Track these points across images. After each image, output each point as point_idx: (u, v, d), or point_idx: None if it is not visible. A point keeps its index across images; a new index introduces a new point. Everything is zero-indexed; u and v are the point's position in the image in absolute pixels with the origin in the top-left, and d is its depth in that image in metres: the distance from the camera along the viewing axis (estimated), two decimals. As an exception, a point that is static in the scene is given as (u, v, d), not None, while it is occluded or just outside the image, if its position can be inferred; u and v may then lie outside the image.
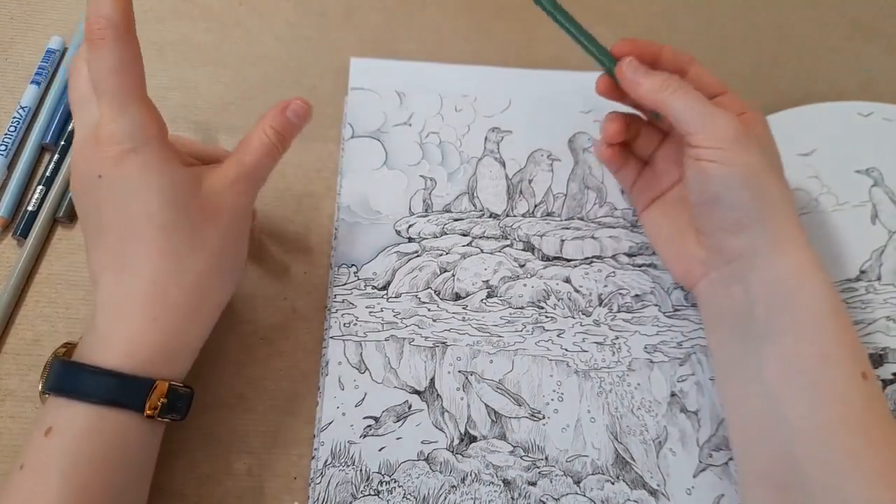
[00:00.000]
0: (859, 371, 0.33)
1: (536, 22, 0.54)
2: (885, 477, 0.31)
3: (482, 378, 0.40)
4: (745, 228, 0.35)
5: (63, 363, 0.31)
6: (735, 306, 0.36)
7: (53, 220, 0.43)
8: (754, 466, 0.35)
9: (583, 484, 0.38)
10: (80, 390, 0.30)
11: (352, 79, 0.48)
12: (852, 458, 0.32)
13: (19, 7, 0.50)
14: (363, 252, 0.43)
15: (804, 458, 0.32)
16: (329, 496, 0.37)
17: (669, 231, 0.41)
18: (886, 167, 0.47)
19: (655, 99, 0.37)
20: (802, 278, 0.35)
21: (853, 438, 0.32)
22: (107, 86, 0.32)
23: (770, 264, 0.35)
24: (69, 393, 0.30)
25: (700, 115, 0.36)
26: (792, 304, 0.34)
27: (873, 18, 0.57)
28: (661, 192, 0.43)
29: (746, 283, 0.36)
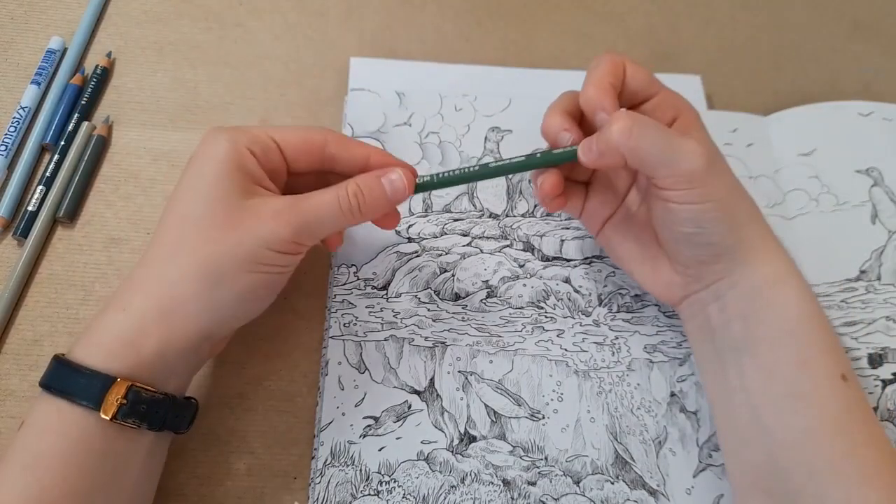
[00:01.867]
0: (839, 374, 0.33)
1: (536, 22, 0.54)
2: (870, 479, 0.31)
3: (482, 378, 0.40)
4: (722, 256, 0.35)
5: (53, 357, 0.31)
6: (713, 324, 0.36)
7: (53, 220, 0.43)
8: (745, 475, 0.35)
9: (582, 484, 0.38)
10: (44, 381, 0.30)
11: (352, 79, 0.48)
12: (835, 462, 0.32)
13: (19, 7, 0.50)
14: (363, 252, 0.43)
15: (789, 466, 0.32)
16: (329, 496, 0.37)
17: (635, 253, 0.40)
18: (886, 167, 0.47)
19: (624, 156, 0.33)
20: (776, 287, 0.34)
21: (835, 442, 0.32)
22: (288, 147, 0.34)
23: (744, 278, 0.35)
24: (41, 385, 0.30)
25: (666, 152, 0.33)
26: (767, 314, 0.34)
27: (873, 18, 0.57)
28: (611, 212, 0.41)
29: (723, 302, 0.36)
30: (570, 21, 0.54)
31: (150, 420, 0.30)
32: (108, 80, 0.48)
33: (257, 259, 0.31)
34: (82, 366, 0.29)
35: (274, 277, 0.33)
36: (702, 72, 0.51)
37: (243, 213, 0.31)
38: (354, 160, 0.35)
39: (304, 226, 0.32)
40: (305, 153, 0.34)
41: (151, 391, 0.30)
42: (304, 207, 0.32)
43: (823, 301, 0.44)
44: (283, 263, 0.32)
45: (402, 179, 0.34)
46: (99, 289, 0.41)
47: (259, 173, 0.33)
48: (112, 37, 0.49)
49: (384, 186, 0.34)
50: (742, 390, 0.35)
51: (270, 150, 0.33)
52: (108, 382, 0.29)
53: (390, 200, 0.34)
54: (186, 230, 0.31)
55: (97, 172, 0.45)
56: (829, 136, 0.48)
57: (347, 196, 0.33)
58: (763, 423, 0.34)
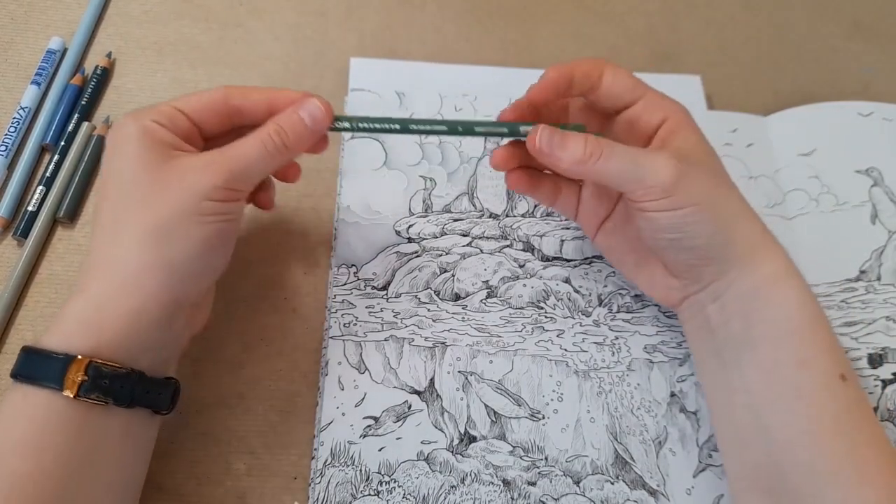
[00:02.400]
0: (838, 373, 0.33)
1: (536, 22, 0.54)
2: (869, 479, 0.31)
3: (482, 378, 0.40)
4: (713, 258, 0.35)
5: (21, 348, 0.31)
6: (712, 324, 0.36)
7: (53, 220, 0.43)
8: (743, 475, 0.35)
9: (582, 484, 0.38)
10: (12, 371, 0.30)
11: (352, 79, 0.48)
12: (834, 461, 0.31)
13: (19, 7, 0.50)
14: (363, 252, 0.43)
15: (789, 466, 0.32)
16: (329, 496, 0.37)
17: (633, 257, 0.40)
18: (886, 167, 0.47)
19: (579, 171, 0.34)
20: (776, 286, 0.34)
21: (835, 442, 0.32)
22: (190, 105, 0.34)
23: (742, 278, 0.35)
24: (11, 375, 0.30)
25: (632, 172, 0.33)
26: (766, 313, 0.34)
27: (873, 18, 0.57)
28: (606, 215, 0.40)
29: (721, 302, 0.35)
30: (570, 21, 0.54)
31: (115, 395, 0.30)
32: (108, 80, 0.48)
33: (198, 211, 0.32)
34: (45, 350, 0.30)
35: (221, 226, 0.33)
36: (702, 72, 0.51)
37: (172, 172, 0.32)
38: (258, 105, 0.35)
39: (236, 172, 0.33)
40: (210, 112, 0.35)
41: (113, 365, 0.30)
42: (232, 155, 0.33)
43: (823, 301, 0.44)
44: (224, 211, 0.33)
45: (320, 107, 0.35)
46: (99, 289, 0.41)
47: (173, 139, 0.33)
48: (112, 37, 0.49)
49: (303, 118, 0.34)
50: (742, 390, 0.35)
51: (176, 117, 0.34)
52: (69, 361, 0.29)
53: (313, 130, 0.35)
54: (121, 207, 0.32)
55: (97, 172, 0.45)
56: (829, 136, 0.48)
57: (270, 136, 0.33)
58: (763, 423, 0.34)
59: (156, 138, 0.32)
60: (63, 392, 0.29)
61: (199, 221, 0.32)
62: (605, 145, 0.33)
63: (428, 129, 0.36)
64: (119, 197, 0.32)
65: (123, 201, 0.32)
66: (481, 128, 0.36)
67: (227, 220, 0.33)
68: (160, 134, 0.33)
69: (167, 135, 0.33)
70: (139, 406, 0.31)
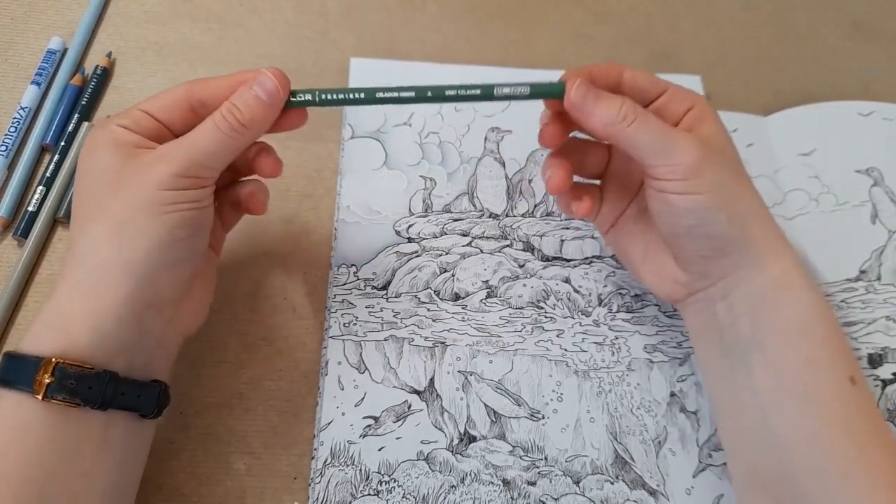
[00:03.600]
0: (847, 376, 0.33)
1: (536, 22, 0.54)
2: (878, 481, 0.31)
3: (482, 378, 0.40)
4: (726, 251, 0.34)
5: None
6: (720, 322, 0.36)
7: (53, 220, 0.43)
8: (749, 477, 0.35)
9: (582, 484, 0.38)
10: None
11: (352, 79, 0.48)
12: (844, 464, 0.31)
13: (19, 7, 0.50)
14: (363, 252, 0.43)
15: (797, 468, 0.32)
16: (329, 496, 0.37)
17: (641, 251, 0.39)
18: (886, 167, 0.47)
19: (610, 132, 0.34)
20: (785, 286, 0.34)
21: (844, 445, 0.32)
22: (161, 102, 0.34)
23: (752, 277, 0.34)
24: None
25: (661, 144, 0.33)
26: (776, 313, 0.34)
27: (873, 18, 0.57)
28: (622, 210, 0.40)
29: (730, 300, 0.35)
30: (570, 21, 0.54)
31: (84, 397, 0.29)
32: (108, 80, 0.48)
33: (156, 202, 0.31)
34: (17, 353, 0.30)
35: (185, 215, 0.32)
36: (702, 72, 0.51)
37: (131, 169, 0.32)
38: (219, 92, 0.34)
39: (191, 159, 0.32)
40: (175, 108, 0.34)
41: (79, 366, 0.29)
42: (187, 142, 0.32)
43: (823, 301, 0.44)
44: (187, 200, 0.32)
45: (273, 80, 0.33)
46: (99, 289, 0.41)
47: (137, 139, 0.33)
48: (112, 37, 0.49)
49: (256, 93, 0.33)
50: (749, 390, 0.34)
51: (140, 118, 0.33)
52: (39, 363, 0.29)
53: (269, 104, 0.33)
54: (86, 208, 0.32)
55: (97, 172, 0.45)
56: (829, 136, 0.48)
57: (223, 116, 0.32)
58: (770, 424, 0.33)
59: (119, 141, 0.32)
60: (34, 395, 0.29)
61: (158, 212, 0.31)
62: (640, 112, 0.33)
63: (395, 97, 0.34)
64: (85, 199, 0.32)
65: (88, 202, 0.32)
66: (452, 91, 0.34)
67: (191, 208, 0.32)
68: (125, 137, 0.32)
69: (132, 136, 0.33)
70: (116, 408, 0.31)
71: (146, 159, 0.32)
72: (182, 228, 0.32)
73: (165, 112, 0.34)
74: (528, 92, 0.34)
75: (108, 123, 0.33)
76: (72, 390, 0.29)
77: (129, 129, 0.33)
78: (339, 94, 0.34)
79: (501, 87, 0.34)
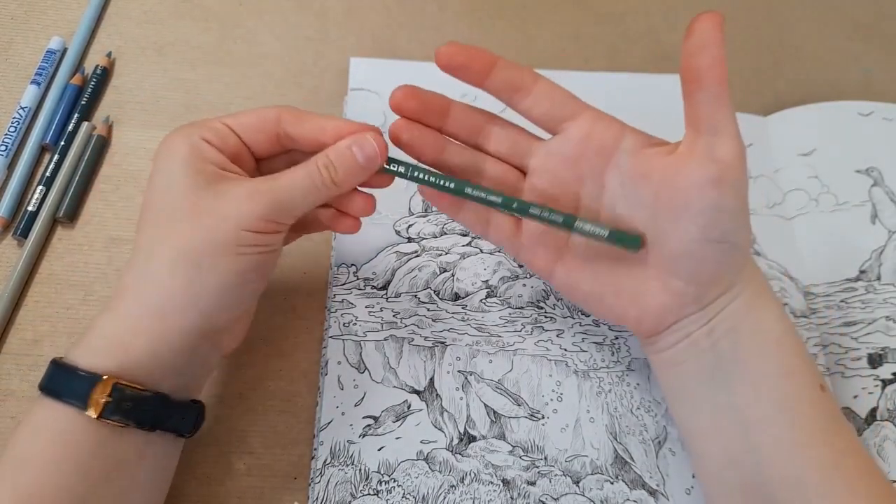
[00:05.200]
0: (818, 384, 0.33)
1: (536, 22, 0.54)
2: (854, 488, 0.31)
3: (481, 378, 0.40)
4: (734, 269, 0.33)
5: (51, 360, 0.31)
6: (700, 348, 0.34)
7: (53, 220, 0.43)
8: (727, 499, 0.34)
9: (582, 484, 0.38)
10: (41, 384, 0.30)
11: (352, 79, 0.48)
12: (822, 472, 0.31)
13: (19, 7, 0.50)
14: (363, 252, 0.43)
15: (777, 482, 0.32)
16: (328, 495, 0.37)
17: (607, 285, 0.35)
18: (886, 167, 0.47)
19: None
20: (760, 299, 0.33)
21: (821, 452, 0.32)
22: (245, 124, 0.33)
23: (737, 295, 0.33)
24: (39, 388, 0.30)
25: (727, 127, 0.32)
26: (755, 327, 0.33)
27: (873, 18, 0.57)
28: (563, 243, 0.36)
29: (711, 324, 0.33)
30: (570, 21, 0.54)
31: (137, 419, 0.30)
32: (108, 80, 0.48)
33: (235, 241, 0.31)
34: (72, 366, 0.29)
35: (257, 259, 0.32)
36: (702, 72, 0.51)
37: (215, 198, 0.31)
38: (310, 133, 0.33)
39: (278, 204, 0.31)
40: (260, 132, 0.33)
41: (137, 388, 0.29)
42: (277, 186, 0.32)
43: (823, 301, 0.44)
44: (263, 243, 0.32)
45: (373, 145, 0.32)
46: (99, 289, 0.41)
47: (221, 159, 0.32)
48: (112, 37, 0.49)
49: (355, 155, 0.32)
50: (729, 408, 0.33)
51: (226, 135, 0.32)
52: (95, 381, 0.29)
53: (364, 168, 0.33)
54: (161, 227, 0.31)
55: (97, 172, 0.45)
56: (829, 136, 0.48)
57: (318, 170, 0.32)
58: (751, 440, 0.32)
59: (204, 157, 0.31)
60: (86, 411, 0.29)
61: (234, 252, 0.31)
62: None
63: (482, 198, 0.34)
64: (160, 215, 0.31)
65: (163, 221, 0.31)
66: (536, 210, 0.33)
67: (263, 252, 0.32)
68: (209, 154, 0.32)
69: (216, 155, 0.32)
70: (160, 430, 0.31)
71: (232, 192, 0.31)
72: (252, 271, 0.32)
73: (251, 133, 0.33)
74: (606, 235, 0.33)
75: (190, 133, 0.32)
76: (126, 412, 0.29)
77: (213, 145, 0.32)
78: (431, 176, 0.34)
79: (583, 223, 0.33)
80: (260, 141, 0.33)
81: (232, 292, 0.32)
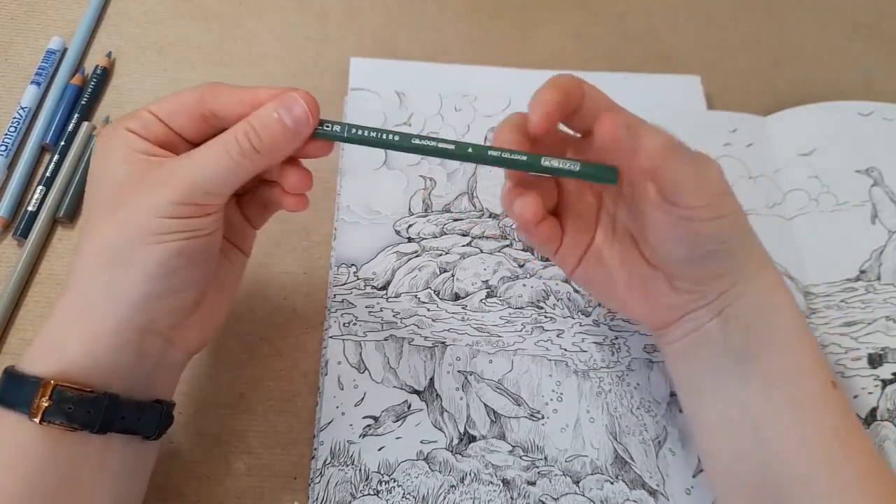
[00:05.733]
0: (829, 380, 0.33)
1: (536, 22, 0.54)
2: (865, 486, 0.31)
3: (481, 378, 0.40)
4: (734, 268, 0.33)
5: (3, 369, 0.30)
6: (712, 340, 0.34)
7: (53, 220, 0.43)
8: (735, 495, 0.34)
9: (582, 484, 0.38)
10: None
11: (352, 79, 0.48)
12: (832, 470, 0.31)
13: (19, 7, 0.50)
14: (363, 252, 0.43)
15: (786, 479, 0.32)
16: (328, 495, 0.37)
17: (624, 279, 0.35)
18: (886, 167, 0.47)
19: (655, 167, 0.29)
20: (774, 294, 0.34)
21: (832, 450, 0.32)
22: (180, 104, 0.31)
23: (747, 291, 0.33)
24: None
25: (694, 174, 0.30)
26: (769, 323, 0.33)
27: (873, 18, 0.57)
28: (589, 241, 0.36)
29: (724, 316, 0.33)
30: (570, 21, 0.54)
31: (82, 421, 0.28)
32: (108, 80, 0.48)
33: (151, 230, 0.28)
34: (18, 373, 0.28)
35: (185, 244, 0.29)
36: (702, 72, 0.51)
37: (132, 187, 0.29)
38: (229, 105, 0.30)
39: (194, 185, 0.29)
40: (185, 115, 0.31)
41: (78, 389, 0.28)
42: (188, 166, 0.29)
43: (823, 301, 0.44)
44: (187, 229, 0.29)
45: (302, 105, 0.29)
46: (99, 289, 0.41)
47: (146, 147, 0.30)
48: (112, 37, 0.49)
49: (281, 118, 0.29)
50: (740, 403, 0.33)
51: (149, 122, 0.30)
52: (36, 385, 0.28)
53: (293, 131, 0.30)
54: (87, 225, 0.30)
55: (97, 172, 0.45)
56: (829, 136, 0.48)
57: (236, 140, 0.29)
58: (761, 436, 0.33)
59: (130, 148, 0.30)
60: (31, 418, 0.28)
61: (152, 241, 0.28)
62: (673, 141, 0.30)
63: (432, 148, 0.31)
64: (89, 209, 0.30)
65: (91, 216, 0.30)
66: (495, 153, 0.30)
67: (190, 237, 0.29)
68: (134, 143, 0.30)
69: (141, 143, 0.30)
70: (116, 432, 0.29)
71: (151, 178, 0.29)
72: (178, 258, 0.29)
73: (175, 117, 0.31)
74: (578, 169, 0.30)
75: (118, 127, 0.30)
76: (69, 415, 0.28)
77: (138, 134, 0.30)
78: (372, 132, 0.31)
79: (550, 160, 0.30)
80: (186, 125, 0.31)
81: (157, 282, 0.29)
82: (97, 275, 0.29)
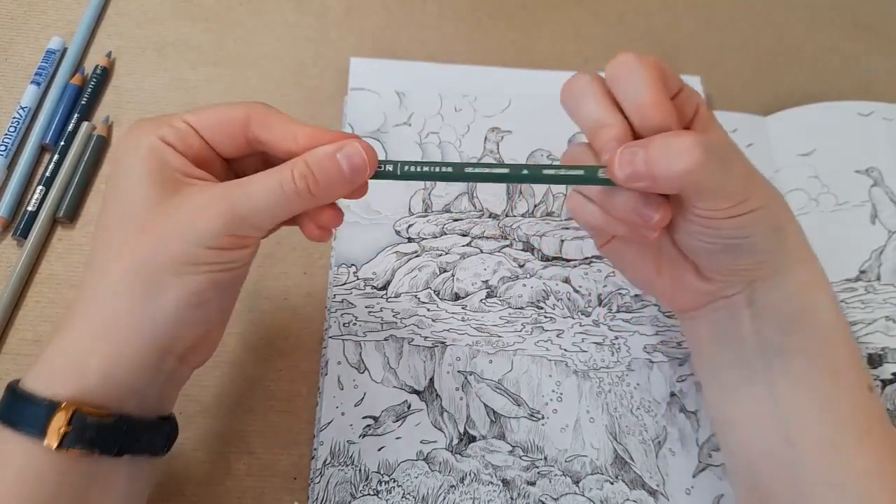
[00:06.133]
0: (866, 384, 0.32)
1: (536, 22, 0.54)
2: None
3: (481, 378, 0.40)
4: (765, 261, 0.32)
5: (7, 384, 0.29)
6: (743, 331, 0.33)
7: (53, 220, 0.43)
8: (753, 493, 0.33)
9: (582, 484, 0.38)
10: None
11: (352, 79, 0.48)
12: (864, 477, 0.30)
13: (19, 7, 0.50)
14: (363, 252, 0.43)
15: (815, 481, 0.31)
16: (328, 496, 0.37)
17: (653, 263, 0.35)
18: (886, 167, 0.47)
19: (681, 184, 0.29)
20: (813, 292, 0.33)
21: (865, 458, 0.31)
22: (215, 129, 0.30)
23: (782, 284, 0.32)
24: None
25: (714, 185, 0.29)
26: (804, 322, 0.32)
27: (873, 18, 0.57)
28: None
29: (757, 307, 0.33)
30: (570, 21, 0.54)
31: (101, 446, 0.27)
32: (108, 80, 0.48)
33: (191, 260, 0.27)
34: (27, 392, 0.27)
35: (219, 276, 0.28)
36: (702, 72, 0.51)
37: (169, 211, 0.28)
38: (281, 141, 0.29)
39: (240, 218, 0.28)
40: (227, 133, 0.30)
41: (98, 414, 0.27)
42: (238, 197, 0.28)
43: (823, 301, 0.44)
44: (225, 260, 0.28)
45: (362, 153, 0.29)
46: (99, 289, 0.41)
47: (183, 164, 0.29)
48: (112, 37, 0.49)
49: (340, 164, 0.29)
50: (768, 401, 0.32)
51: (187, 136, 0.29)
52: (52, 408, 0.26)
53: (349, 180, 0.29)
54: (115, 237, 0.28)
55: (97, 172, 0.45)
56: (829, 136, 0.48)
57: (293, 179, 0.28)
58: (790, 436, 0.32)
59: (164, 163, 0.28)
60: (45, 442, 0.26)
61: (190, 271, 0.27)
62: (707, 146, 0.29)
63: (487, 174, 0.30)
64: (115, 224, 0.29)
65: (118, 231, 0.28)
66: (551, 171, 0.30)
67: (225, 269, 0.28)
68: (169, 158, 0.28)
69: (177, 159, 0.29)
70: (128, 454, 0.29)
71: (190, 203, 0.28)
72: (212, 290, 0.28)
73: (214, 134, 0.30)
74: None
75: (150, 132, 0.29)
76: (89, 441, 0.27)
77: (174, 147, 0.29)
78: (425, 166, 0.30)
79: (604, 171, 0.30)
80: (226, 142, 0.30)
81: (190, 313, 0.28)
82: (127, 296, 0.28)
